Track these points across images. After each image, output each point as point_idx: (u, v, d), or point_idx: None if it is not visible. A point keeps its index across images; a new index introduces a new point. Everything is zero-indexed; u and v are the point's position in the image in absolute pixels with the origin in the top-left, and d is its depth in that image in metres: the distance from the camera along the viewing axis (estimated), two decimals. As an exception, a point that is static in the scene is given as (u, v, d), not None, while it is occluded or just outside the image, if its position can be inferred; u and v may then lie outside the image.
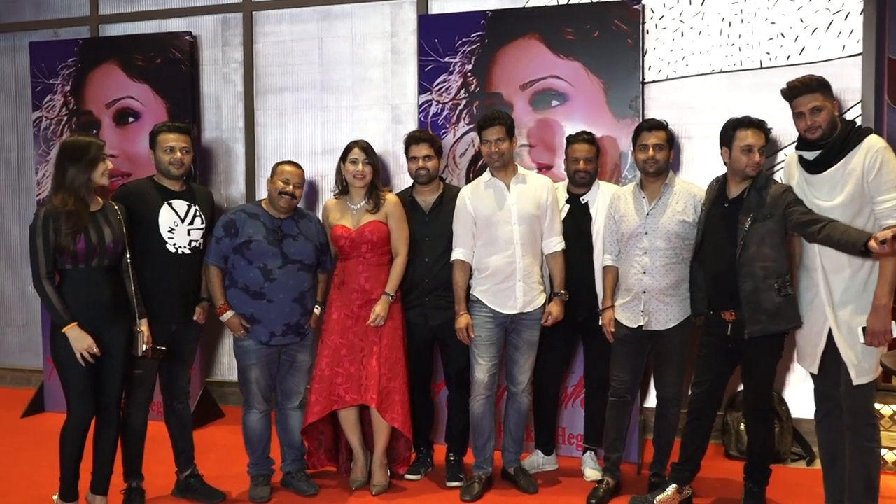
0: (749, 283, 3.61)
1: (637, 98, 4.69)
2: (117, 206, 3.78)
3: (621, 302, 4.06)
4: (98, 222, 3.64)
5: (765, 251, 3.57)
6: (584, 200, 4.34)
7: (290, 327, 4.09)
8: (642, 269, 3.97)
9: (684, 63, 4.83)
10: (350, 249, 4.20)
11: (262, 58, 5.64)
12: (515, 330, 4.19)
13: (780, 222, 3.57)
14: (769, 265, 3.57)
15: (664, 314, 3.97)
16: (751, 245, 3.59)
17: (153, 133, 4.05)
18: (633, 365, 4.11)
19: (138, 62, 5.60)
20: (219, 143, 5.77)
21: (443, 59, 5.01)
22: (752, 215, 3.60)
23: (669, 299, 3.96)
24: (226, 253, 4.07)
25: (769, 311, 3.57)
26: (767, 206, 3.57)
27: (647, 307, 3.98)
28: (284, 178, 4.08)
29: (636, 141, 4.02)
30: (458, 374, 4.37)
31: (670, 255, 3.94)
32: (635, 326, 4.01)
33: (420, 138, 4.35)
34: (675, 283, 3.95)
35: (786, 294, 3.56)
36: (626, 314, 4.04)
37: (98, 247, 3.60)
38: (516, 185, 4.16)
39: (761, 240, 3.58)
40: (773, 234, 3.58)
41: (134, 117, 5.63)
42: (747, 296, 3.61)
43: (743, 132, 3.65)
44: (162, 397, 4.17)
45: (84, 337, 3.55)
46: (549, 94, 4.84)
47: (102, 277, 3.65)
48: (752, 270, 3.59)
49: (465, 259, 4.19)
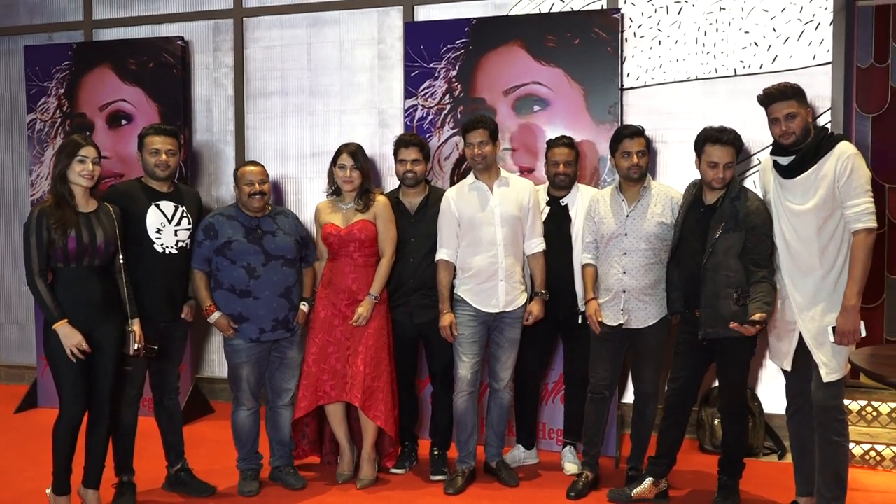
0: (710, 288, 3.62)
1: (616, 104, 4.70)
2: (112, 208, 3.76)
3: (601, 301, 4.05)
4: (91, 223, 3.63)
5: (729, 261, 3.58)
6: (564, 203, 4.34)
7: (279, 322, 4.06)
8: (622, 269, 3.96)
9: (662, 70, 4.83)
10: (339, 247, 4.17)
11: (253, 62, 5.62)
12: (498, 328, 4.18)
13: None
14: (732, 275, 3.57)
15: (643, 313, 3.97)
16: (718, 253, 3.60)
17: (141, 135, 4.05)
18: (611, 362, 4.10)
19: (131, 66, 5.57)
20: (209, 145, 5.75)
21: (428, 65, 5.01)
22: (723, 225, 3.60)
23: (648, 298, 3.95)
24: (207, 255, 4.06)
25: (724, 317, 3.58)
26: (740, 220, 3.57)
27: (626, 306, 3.96)
28: (248, 180, 4.07)
29: (616, 147, 3.99)
30: (443, 370, 4.36)
31: (650, 255, 3.94)
32: (615, 325, 4.00)
33: (409, 142, 4.32)
34: (654, 282, 3.95)
35: (743, 304, 3.55)
36: (606, 313, 4.02)
37: (89, 247, 3.58)
38: (499, 187, 4.16)
39: (727, 250, 3.58)
40: (739, 247, 3.58)
41: (126, 120, 5.61)
42: (707, 299, 3.63)
43: (710, 148, 3.63)
44: (152, 394, 4.15)
45: (74, 334, 3.52)
46: (531, 99, 4.84)
47: (94, 277, 3.63)
48: (716, 277, 3.60)
49: (450, 259, 4.18)
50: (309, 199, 5.41)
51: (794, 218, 3.45)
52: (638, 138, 3.96)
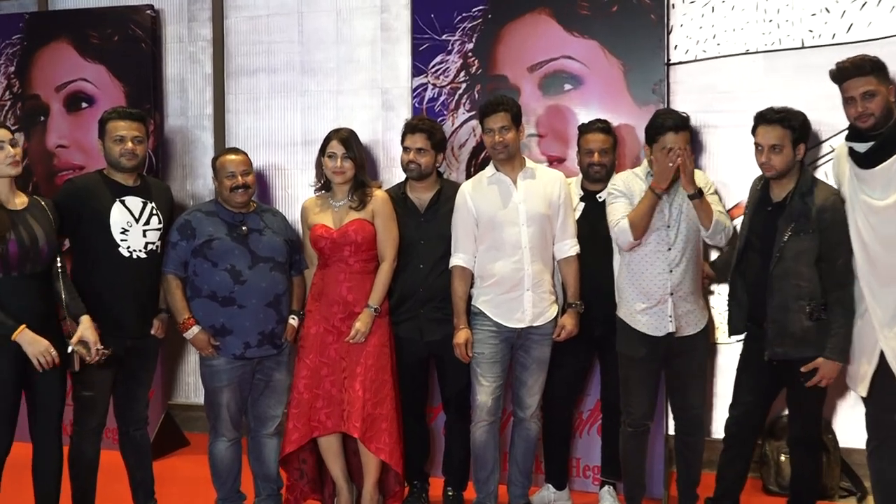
0: (778, 299, 3.64)
1: (661, 82, 4.68)
2: (44, 202, 3.77)
3: (639, 308, 4.02)
4: (27, 222, 3.63)
5: (801, 268, 3.59)
6: (601, 198, 4.31)
7: (266, 336, 4.08)
8: (668, 266, 3.97)
9: (715, 42, 4.80)
10: (331, 252, 4.18)
11: (234, 35, 5.62)
12: (523, 346, 4.18)
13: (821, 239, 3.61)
14: (804, 285, 3.59)
15: (693, 316, 3.99)
16: (787, 258, 3.62)
17: (102, 120, 4.06)
18: (651, 387, 4.10)
19: (93, 40, 5.58)
20: (184, 131, 5.76)
21: (440, 38, 5.02)
22: (793, 226, 3.62)
23: (693, 299, 4.00)
24: (184, 258, 4.07)
25: (794, 334, 3.60)
26: (812, 219, 3.58)
27: (676, 310, 3.96)
28: (229, 171, 4.10)
29: (655, 139, 3.92)
30: (458, 396, 4.37)
31: (693, 248, 4.00)
32: (663, 334, 3.98)
33: (416, 127, 4.33)
34: (699, 280, 4.03)
35: (818, 318, 3.57)
36: (648, 322, 4.00)
37: (31, 250, 3.59)
38: (524, 180, 4.17)
39: (798, 255, 3.60)
40: (813, 252, 3.59)
41: (87, 102, 5.62)
42: (774, 312, 3.65)
43: (757, 129, 3.72)
44: (117, 423, 4.15)
45: (38, 340, 3.53)
46: (562, 76, 4.83)
47: (35, 286, 3.64)
48: (785, 286, 3.62)
49: (466, 265, 4.19)
50: (300, 194, 5.38)
51: (873, 215, 3.44)
52: (683, 132, 3.92)
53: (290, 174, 5.54)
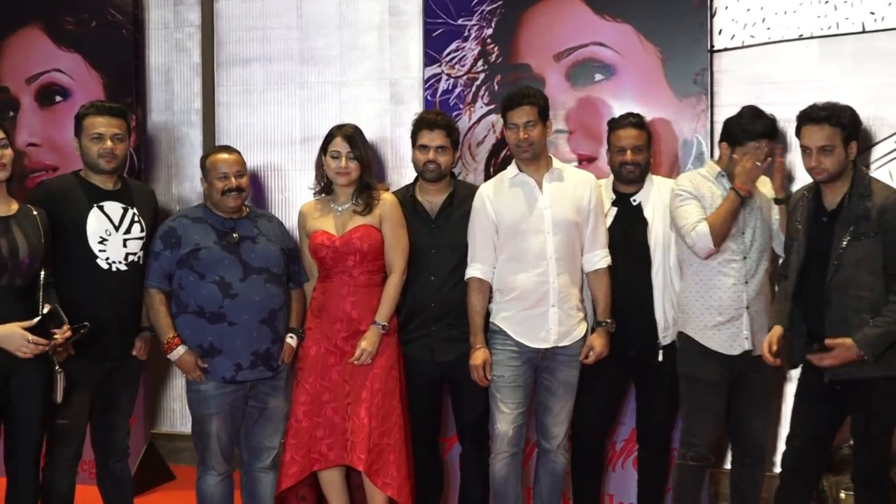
0: (837, 312, 3.61)
1: (704, 71, 4.68)
2: (36, 212, 3.77)
3: (710, 325, 4.02)
4: (10, 230, 3.62)
5: (861, 277, 3.58)
6: (636, 201, 4.33)
7: (260, 357, 4.05)
8: (743, 277, 3.97)
9: (765, 26, 4.72)
10: (333, 262, 4.17)
11: (226, 20, 5.58)
12: (548, 369, 4.17)
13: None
14: (865, 295, 3.58)
15: (765, 333, 3.95)
16: (845, 266, 3.60)
17: (78, 116, 4.06)
18: (721, 414, 4.08)
19: (68, 26, 5.57)
20: (169, 128, 5.72)
21: (455, 22, 5.01)
22: (851, 230, 3.61)
23: (766, 313, 4.01)
24: (168, 270, 4.06)
25: None
26: (873, 221, 3.57)
27: (752, 326, 3.98)
28: (221, 172, 4.08)
29: (741, 143, 3.95)
30: (475, 425, 4.35)
31: (768, 257, 4.04)
32: (739, 353, 3.97)
33: (435, 122, 4.31)
34: (772, 293, 4.07)
35: None
36: (722, 339, 3.99)
37: (9, 261, 3.57)
38: (550, 182, 4.15)
39: (858, 262, 3.59)
40: (876, 258, 3.58)
41: (62, 96, 5.61)
42: (832, 329, 3.61)
43: (802, 129, 3.71)
44: (94, 455, 4.15)
45: (7, 331, 3.51)
46: (592, 65, 4.84)
47: (12, 301, 3.61)
48: (844, 298, 3.60)
49: (484, 277, 4.17)
50: (298, 198, 5.31)
51: None
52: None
53: (287, 175, 5.50)
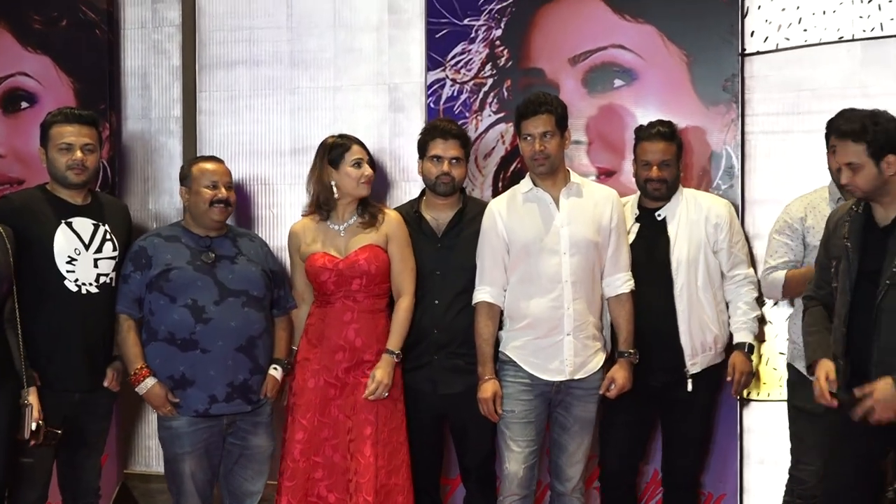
0: (886, 337, 3.60)
1: (735, 76, 4.71)
2: (3, 230, 3.82)
3: None
4: None
5: None
6: (661, 216, 4.39)
7: (237, 389, 4.07)
8: None
9: (801, 27, 4.74)
10: (336, 287, 4.20)
11: (208, 18, 5.57)
12: (563, 403, 4.20)
13: None
14: None
15: None
16: None
17: (45, 124, 4.10)
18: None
19: (35, 25, 5.56)
20: (146, 137, 5.69)
21: (461, 22, 5.03)
22: None
23: None
24: (138, 294, 4.09)
25: None
26: None
27: None
28: (210, 181, 4.11)
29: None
30: (481, 465, 4.39)
31: None
32: None
33: (449, 131, 4.37)
34: None
35: None
36: None
37: None
38: (568, 198, 4.19)
39: None
40: None
41: (28, 101, 5.61)
42: (881, 354, 3.60)
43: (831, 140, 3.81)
44: (62, 497, 4.20)
45: None
46: (611, 70, 4.87)
47: None
48: (893, 322, 3.58)
49: (494, 301, 4.20)
50: (288, 215, 5.36)
51: None
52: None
53: (275, 189, 5.48)
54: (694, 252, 4.30)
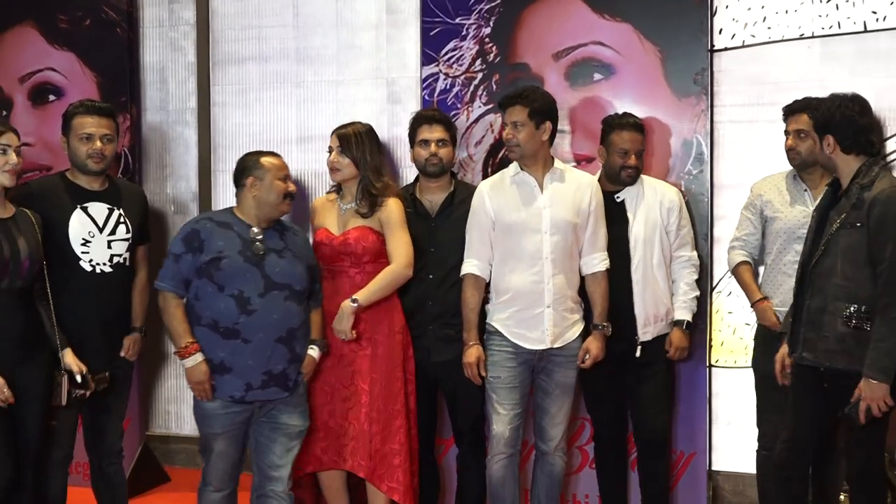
0: (817, 300, 3.67)
1: (704, 70, 4.77)
2: (32, 215, 3.88)
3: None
4: (10, 232, 3.72)
5: (845, 266, 3.60)
6: (620, 199, 4.48)
7: (273, 377, 3.93)
8: None
9: (766, 25, 4.83)
10: (331, 261, 4.28)
11: (221, 18, 5.69)
12: (545, 370, 4.29)
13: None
14: (844, 284, 3.59)
15: None
16: (831, 253, 3.65)
17: (67, 115, 4.15)
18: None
19: (61, 24, 5.65)
20: (164, 127, 5.83)
21: (453, 21, 5.10)
22: (843, 217, 3.63)
23: None
24: (187, 275, 3.93)
25: (827, 339, 3.61)
26: (863, 211, 3.57)
27: None
28: (282, 174, 4.00)
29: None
30: (472, 427, 4.47)
31: None
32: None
33: (433, 117, 4.49)
34: None
35: (856, 327, 3.55)
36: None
37: (11, 263, 3.67)
38: (551, 182, 4.26)
39: (845, 250, 3.61)
40: (860, 249, 3.59)
41: (55, 94, 5.70)
42: (811, 314, 3.69)
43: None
44: (88, 457, 4.25)
45: None
46: (591, 64, 4.93)
47: (14, 303, 3.73)
48: (825, 285, 3.65)
49: (480, 273, 4.29)
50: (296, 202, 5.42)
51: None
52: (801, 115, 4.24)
53: None
54: (650, 232, 4.41)
